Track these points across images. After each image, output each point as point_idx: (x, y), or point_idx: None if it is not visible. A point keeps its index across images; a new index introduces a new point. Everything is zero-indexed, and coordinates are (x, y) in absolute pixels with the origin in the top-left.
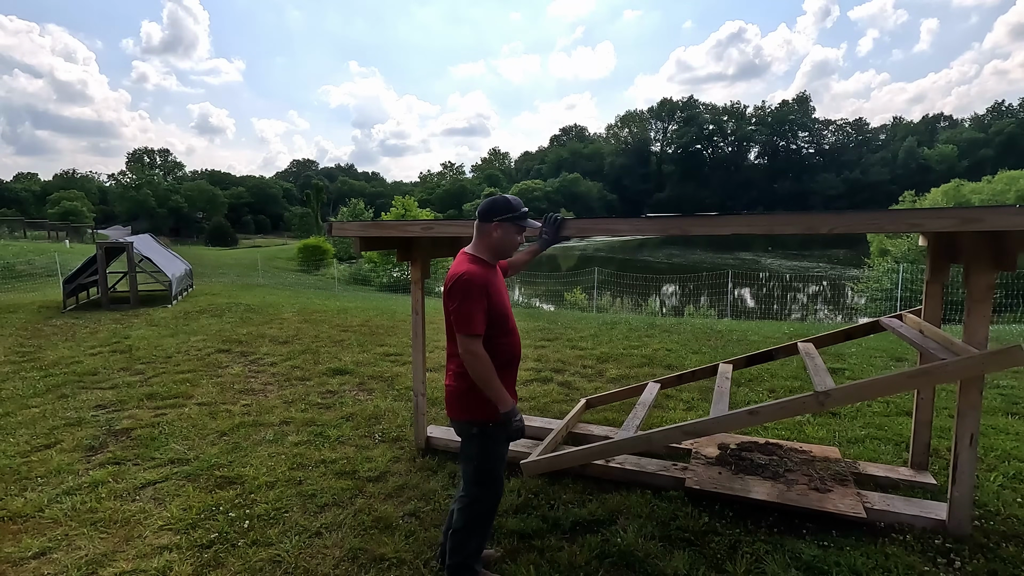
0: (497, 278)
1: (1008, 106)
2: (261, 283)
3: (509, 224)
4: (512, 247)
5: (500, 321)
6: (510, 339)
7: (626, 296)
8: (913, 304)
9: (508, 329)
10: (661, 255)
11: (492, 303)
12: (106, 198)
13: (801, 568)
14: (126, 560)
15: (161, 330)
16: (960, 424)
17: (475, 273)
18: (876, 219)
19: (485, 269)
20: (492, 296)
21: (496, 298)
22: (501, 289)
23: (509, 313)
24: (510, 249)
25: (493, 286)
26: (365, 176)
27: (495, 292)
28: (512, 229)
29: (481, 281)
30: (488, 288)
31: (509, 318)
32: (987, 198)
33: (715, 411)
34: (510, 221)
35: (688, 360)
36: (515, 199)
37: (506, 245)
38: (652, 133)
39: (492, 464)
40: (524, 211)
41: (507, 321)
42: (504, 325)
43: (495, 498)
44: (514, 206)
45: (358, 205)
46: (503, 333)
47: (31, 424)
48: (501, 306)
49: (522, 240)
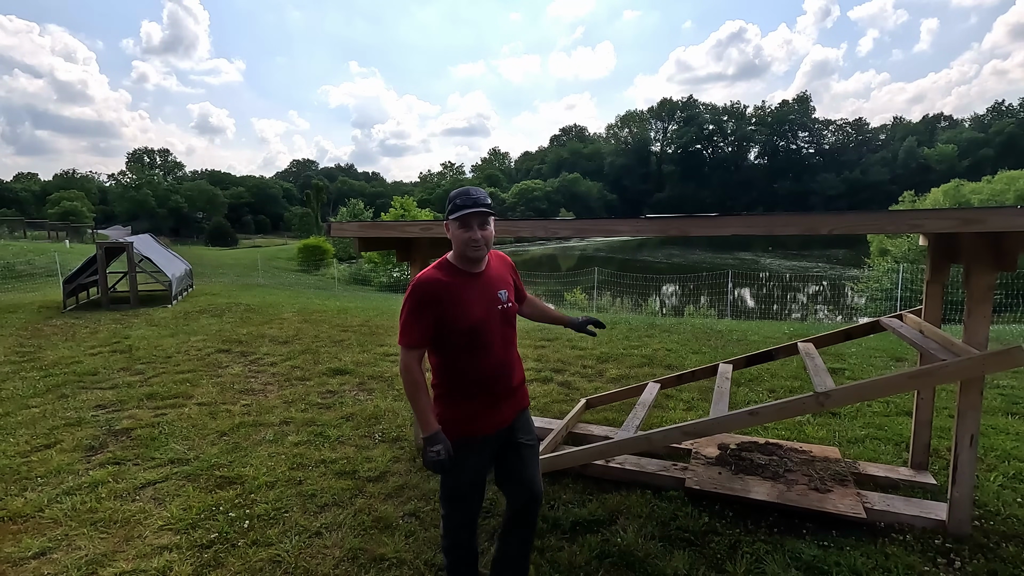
0: (469, 287)
1: (1008, 106)
2: (261, 283)
3: (454, 222)
4: (469, 247)
5: (465, 337)
6: (482, 359)
7: (626, 296)
8: (913, 304)
9: (478, 346)
10: (661, 255)
11: (449, 315)
12: (106, 198)
13: (801, 568)
14: (126, 560)
15: (161, 330)
16: (960, 424)
17: (426, 280)
18: (876, 220)
19: (449, 276)
20: (450, 307)
21: (457, 310)
22: (471, 300)
23: (483, 328)
24: (467, 249)
25: (453, 296)
26: (365, 176)
27: (455, 303)
28: (457, 226)
29: (430, 289)
30: (442, 297)
31: (481, 334)
32: (987, 198)
33: (715, 411)
34: (452, 219)
35: (688, 360)
36: (461, 193)
37: (460, 245)
38: (652, 133)
39: (453, 481)
40: (464, 207)
41: (477, 337)
42: (472, 341)
43: (462, 519)
44: (454, 203)
45: (358, 205)
46: (469, 350)
47: (31, 424)
48: (465, 319)
49: (480, 236)
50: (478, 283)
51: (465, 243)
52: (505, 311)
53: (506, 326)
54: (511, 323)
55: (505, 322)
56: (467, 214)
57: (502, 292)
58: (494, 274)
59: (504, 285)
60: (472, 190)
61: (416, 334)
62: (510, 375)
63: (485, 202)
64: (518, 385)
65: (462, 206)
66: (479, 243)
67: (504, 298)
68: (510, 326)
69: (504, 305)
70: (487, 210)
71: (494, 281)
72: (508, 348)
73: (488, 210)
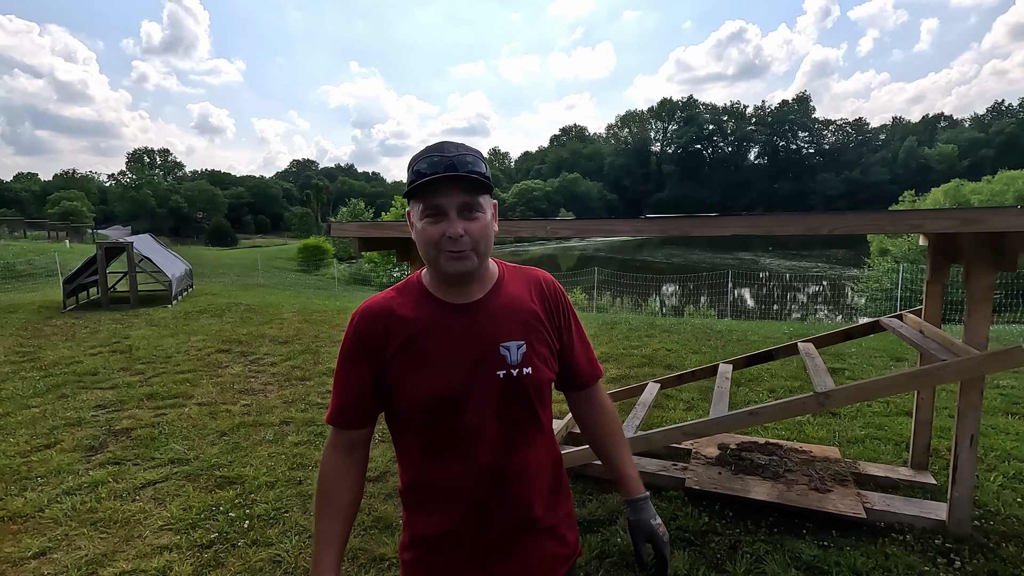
0: (444, 328)
1: (1008, 106)
2: (261, 283)
3: (415, 207)
4: (442, 255)
5: (424, 420)
6: (453, 467)
7: (626, 296)
8: (913, 304)
9: (448, 439)
10: (661, 255)
11: (399, 375)
12: (106, 198)
13: (801, 568)
14: (126, 560)
15: (161, 330)
16: (960, 424)
17: (371, 310)
18: (876, 220)
19: (413, 306)
20: (403, 359)
21: (414, 366)
22: (443, 351)
23: (459, 406)
24: (440, 260)
25: (414, 340)
26: (365, 176)
27: (414, 354)
28: (420, 214)
29: (373, 325)
30: (391, 339)
31: (455, 417)
32: (986, 198)
33: (715, 411)
34: (413, 202)
35: (688, 360)
36: (425, 153)
37: (427, 250)
38: (652, 133)
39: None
40: (427, 173)
41: (446, 421)
42: (437, 430)
43: None
44: (414, 170)
45: (358, 205)
46: (434, 446)
47: (31, 424)
48: (424, 386)
49: (460, 232)
50: (463, 322)
51: (433, 246)
52: (512, 382)
53: (513, 409)
54: (525, 404)
55: (511, 401)
56: (433, 186)
57: (511, 345)
58: (501, 308)
59: (519, 330)
60: (447, 145)
61: (341, 401)
62: (512, 505)
63: (471, 167)
64: (535, 530)
65: (425, 172)
66: (461, 247)
67: (514, 357)
68: (522, 409)
69: (513, 371)
70: (477, 177)
71: (497, 321)
72: (511, 450)
73: (478, 177)
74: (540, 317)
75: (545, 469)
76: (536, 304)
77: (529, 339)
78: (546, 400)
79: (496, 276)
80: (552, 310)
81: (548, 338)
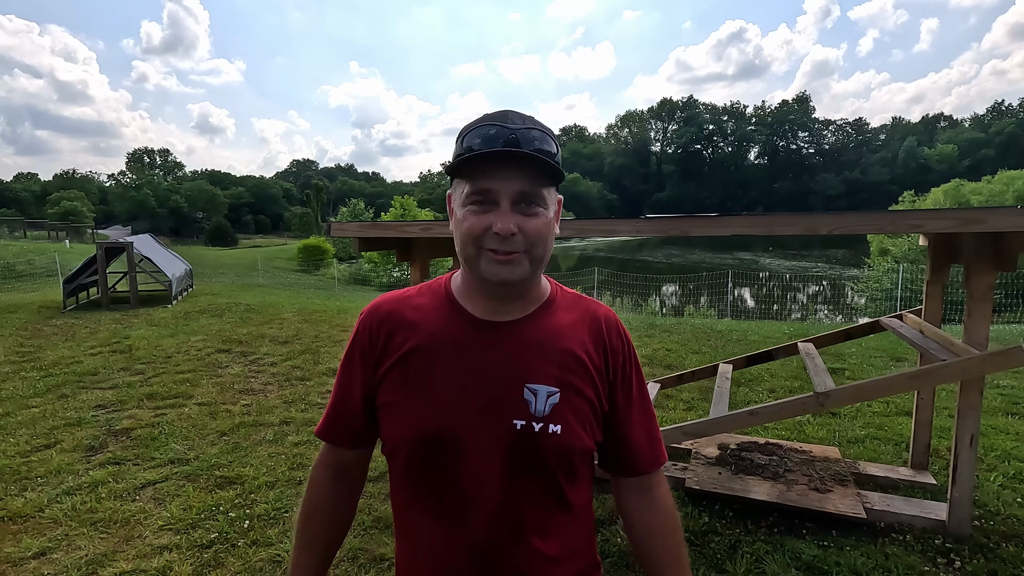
0: (464, 346)
1: (1008, 106)
2: (261, 283)
3: (458, 188)
4: (484, 255)
5: (412, 455)
6: (438, 528)
7: (626, 296)
8: (913, 304)
9: (440, 486)
10: (661, 255)
11: (395, 394)
12: (106, 198)
13: (801, 568)
14: (126, 560)
15: (161, 330)
16: (960, 424)
17: (383, 308)
18: (876, 220)
19: (434, 310)
20: (402, 376)
21: (416, 389)
22: (452, 375)
23: (459, 444)
24: (480, 263)
25: (424, 352)
26: (365, 176)
27: (418, 371)
28: (463, 199)
29: (368, 327)
30: (387, 349)
31: (451, 465)
32: (986, 198)
33: (715, 411)
34: (457, 182)
35: (688, 360)
36: (480, 122)
37: (460, 240)
38: (652, 133)
39: None
40: (481, 148)
41: (432, 463)
42: (421, 470)
43: None
44: (464, 143)
45: (358, 205)
46: (422, 489)
47: (31, 424)
48: (418, 416)
49: (512, 227)
50: (486, 344)
51: (474, 243)
52: (530, 440)
53: (526, 478)
54: (544, 475)
55: (524, 466)
56: (485, 164)
57: (540, 390)
58: (540, 338)
59: (555, 373)
60: (511, 114)
61: (333, 413)
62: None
63: (539, 145)
64: None
65: (478, 147)
66: (511, 248)
67: (540, 406)
68: (539, 481)
69: (535, 425)
70: (546, 160)
71: (531, 353)
72: (519, 532)
73: (547, 160)
74: (589, 364)
75: (568, 562)
76: (589, 345)
77: (566, 388)
78: (580, 475)
79: (546, 296)
80: (609, 360)
81: (595, 394)
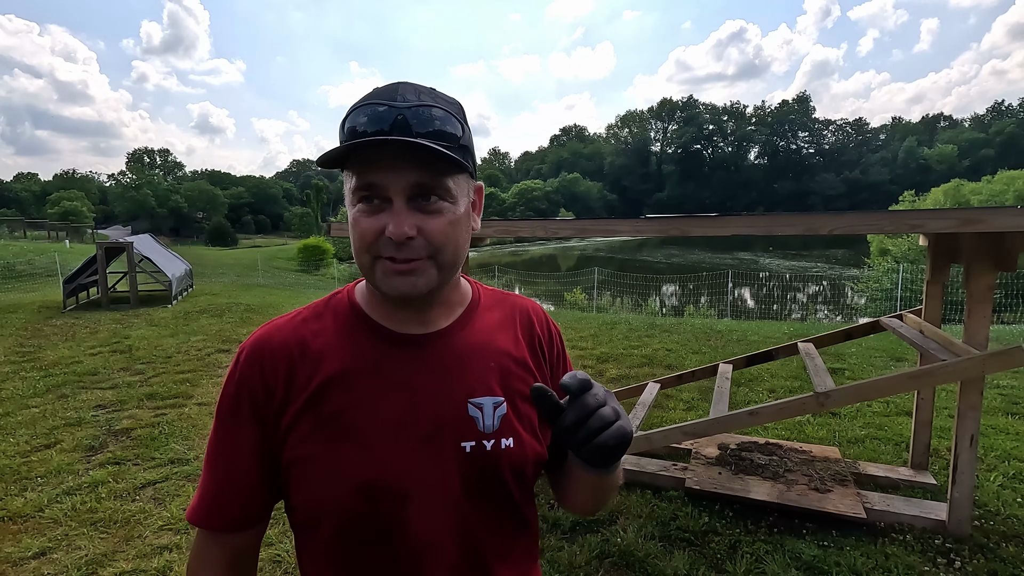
0: (382, 374)
1: (1008, 106)
2: (261, 283)
3: (346, 181)
4: (366, 250)
5: (340, 517)
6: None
7: (626, 296)
8: (913, 304)
9: (390, 562)
10: (661, 255)
11: (299, 448)
12: (106, 198)
13: (801, 568)
14: (126, 560)
15: (161, 330)
16: (960, 424)
17: (260, 347)
18: (876, 220)
19: (337, 333)
20: (305, 420)
21: (332, 437)
22: (377, 411)
23: (399, 506)
24: (377, 272)
25: (324, 393)
26: None
27: (326, 413)
28: (351, 192)
29: (256, 369)
30: (289, 391)
31: (397, 521)
32: (986, 198)
33: (715, 411)
34: (345, 174)
35: (688, 360)
36: (363, 102)
37: (353, 245)
38: (652, 133)
39: None
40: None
41: (372, 523)
42: (359, 533)
43: None
44: (347, 128)
45: None
46: (358, 561)
47: (31, 424)
48: (354, 472)
49: (403, 229)
50: (413, 363)
51: (366, 250)
52: (483, 460)
53: (484, 504)
54: (503, 495)
55: (481, 492)
56: (370, 153)
57: (485, 403)
58: (474, 347)
59: (496, 381)
60: (403, 87)
61: (214, 488)
62: None
63: (436, 127)
64: None
65: (363, 130)
66: (409, 255)
67: (488, 421)
68: (500, 502)
69: (486, 443)
70: (442, 147)
71: (468, 364)
72: (477, 542)
73: (443, 148)
74: (529, 362)
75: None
76: (523, 341)
77: (512, 394)
78: (530, 489)
79: (469, 300)
80: (545, 353)
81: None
